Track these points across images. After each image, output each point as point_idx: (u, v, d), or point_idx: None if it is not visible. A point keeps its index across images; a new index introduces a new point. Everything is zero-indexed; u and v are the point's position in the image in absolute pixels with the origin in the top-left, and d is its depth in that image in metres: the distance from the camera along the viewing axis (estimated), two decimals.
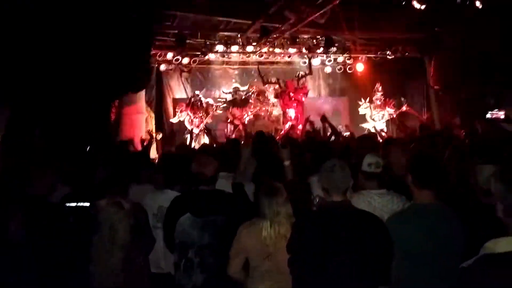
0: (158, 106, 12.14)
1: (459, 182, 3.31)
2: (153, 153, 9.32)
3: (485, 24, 8.77)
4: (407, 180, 2.72)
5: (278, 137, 9.58)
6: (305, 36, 11.09)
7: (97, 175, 3.87)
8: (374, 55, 12.10)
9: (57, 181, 3.42)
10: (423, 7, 7.64)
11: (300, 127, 11.62)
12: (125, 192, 3.34)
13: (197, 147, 9.11)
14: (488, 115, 2.31)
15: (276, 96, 12.14)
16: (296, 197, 3.19)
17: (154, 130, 10.76)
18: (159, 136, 9.82)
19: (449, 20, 9.55)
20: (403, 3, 7.67)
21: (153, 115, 11.54)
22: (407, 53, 11.49)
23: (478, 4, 7.69)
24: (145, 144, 7.36)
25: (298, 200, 3.19)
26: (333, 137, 6.84)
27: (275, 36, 10.09)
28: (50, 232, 2.97)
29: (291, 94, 11.80)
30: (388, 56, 11.75)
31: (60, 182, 3.52)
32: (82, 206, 3.23)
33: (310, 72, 12.12)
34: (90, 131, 7.50)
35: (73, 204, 3.24)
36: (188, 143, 10.32)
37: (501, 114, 2.17)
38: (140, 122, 10.26)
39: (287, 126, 11.84)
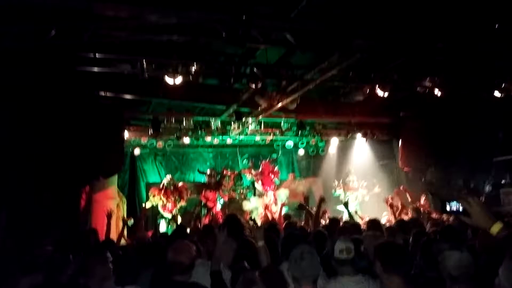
0: (131, 191, 11.95)
1: (428, 267, 3.29)
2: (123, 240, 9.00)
3: (447, 110, 9.34)
4: (376, 266, 2.68)
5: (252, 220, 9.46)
6: (278, 120, 11.46)
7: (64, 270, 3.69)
8: (345, 138, 12.49)
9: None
10: (386, 94, 8.08)
11: (274, 209, 11.66)
12: None
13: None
14: (447, 208, 2.36)
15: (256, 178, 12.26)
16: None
17: (125, 216, 10.46)
18: (130, 222, 9.53)
19: (412, 106, 10.13)
20: (368, 91, 8.11)
21: (125, 200, 11.29)
22: (375, 136, 11.92)
23: (437, 92, 8.22)
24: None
25: None
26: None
27: (248, 120, 10.38)
28: None
29: (271, 176, 11.98)
30: (358, 139, 12.17)
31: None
32: None
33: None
34: (57, 220, 7.24)
35: None
36: (161, 229, 10.11)
37: (459, 207, 2.22)
38: (112, 208, 9.95)
39: (262, 209, 11.81)
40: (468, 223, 2.16)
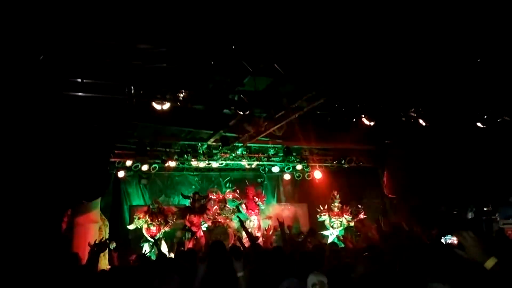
0: (114, 213, 11.74)
1: None
2: (105, 264, 8.81)
3: (431, 138, 9.50)
4: None
5: (235, 244, 9.41)
6: (265, 145, 11.50)
7: None
8: (330, 164, 12.58)
9: None
10: (372, 123, 8.20)
11: (259, 234, 11.60)
12: None
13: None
14: (442, 241, 2.38)
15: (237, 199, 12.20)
16: None
17: (107, 239, 10.27)
18: (113, 245, 9.36)
19: (396, 134, 10.29)
20: (354, 120, 8.22)
21: (107, 223, 11.09)
22: (361, 163, 12.04)
23: (421, 122, 8.38)
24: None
25: None
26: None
27: (234, 145, 10.40)
28: None
29: (256, 199, 11.96)
30: (343, 165, 12.27)
31: None
32: None
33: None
34: (37, 243, 7.06)
35: None
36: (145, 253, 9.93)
37: (454, 240, 2.23)
38: (94, 232, 9.78)
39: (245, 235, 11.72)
40: (463, 257, 2.18)
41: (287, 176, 13.34)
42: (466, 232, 2.16)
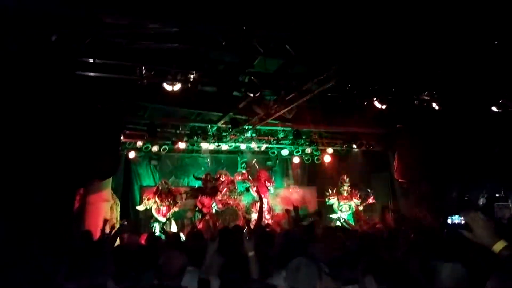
0: (125, 193, 11.89)
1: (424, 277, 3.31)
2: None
3: (443, 123, 9.39)
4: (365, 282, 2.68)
5: (247, 226, 9.49)
6: (274, 128, 11.48)
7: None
8: (340, 148, 12.53)
9: None
10: (383, 106, 8.12)
11: (268, 217, 11.70)
12: None
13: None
14: (449, 221, 2.33)
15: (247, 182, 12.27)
16: None
17: (119, 218, 10.45)
18: (124, 223, 9.52)
19: (409, 118, 10.19)
20: (365, 102, 8.14)
21: (118, 202, 11.25)
22: (371, 147, 11.96)
23: (435, 105, 8.27)
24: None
25: None
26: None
27: (244, 127, 10.40)
28: None
29: (267, 184, 12.01)
30: (353, 149, 12.22)
31: None
32: None
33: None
34: (50, 220, 7.21)
35: None
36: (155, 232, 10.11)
37: (461, 221, 2.18)
38: (105, 210, 9.94)
39: (255, 215, 11.81)
40: (470, 239, 2.06)
41: (296, 159, 13.32)
42: (474, 213, 2.04)
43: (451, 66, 6.94)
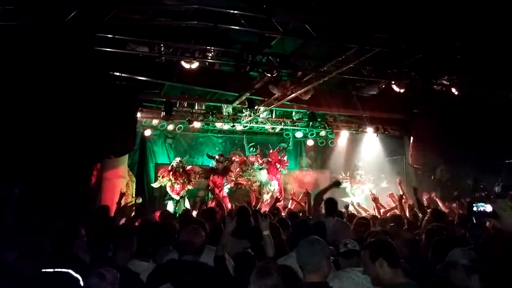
0: (140, 170, 12.06)
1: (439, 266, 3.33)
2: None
3: (461, 109, 9.26)
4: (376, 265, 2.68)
5: (258, 206, 9.58)
6: (289, 110, 11.44)
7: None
8: (355, 131, 12.45)
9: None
10: (402, 90, 8.02)
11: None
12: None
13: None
14: (474, 208, 2.29)
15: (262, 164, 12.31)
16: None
17: (134, 195, 10.62)
18: (139, 200, 9.68)
19: (426, 103, 10.06)
20: (383, 86, 8.05)
21: (134, 179, 11.42)
22: (387, 132, 11.85)
23: (454, 91, 8.14)
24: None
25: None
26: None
27: (260, 108, 10.39)
28: None
29: (277, 165, 12.02)
30: (368, 133, 12.13)
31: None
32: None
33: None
34: (68, 195, 7.37)
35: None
36: (169, 210, 10.25)
37: (486, 208, 2.15)
38: (121, 187, 10.10)
39: (267, 196, 11.89)
40: (497, 227, 2.04)
41: (310, 142, 13.29)
42: (502, 200, 2.03)
43: (472, 51, 6.79)
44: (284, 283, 2.58)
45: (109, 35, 6.17)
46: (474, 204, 2.04)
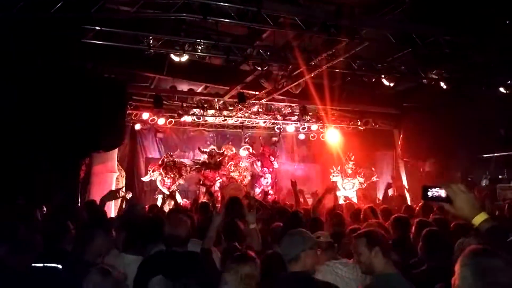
0: (130, 165, 12.00)
1: (429, 257, 3.36)
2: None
3: (450, 103, 9.31)
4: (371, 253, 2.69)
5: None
6: (281, 104, 11.43)
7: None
8: (346, 125, 12.48)
9: None
10: (392, 84, 8.04)
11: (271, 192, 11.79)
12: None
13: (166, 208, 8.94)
14: (429, 194, 2.25)
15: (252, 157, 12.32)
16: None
17: (124, 189, 10.56)
18: (129, 195, 9.63)
19: (416, 97, 10.10)
20: (373, 80, 8.05)
21: (124, 173, 11.36)
22: (377, 125, 11.90)
23: (443, 85, 8.18)
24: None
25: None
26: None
27: (251, 102, 10.35)
28: None
29: (271, 158, 12.06)
30: (359, 127, 12.16)
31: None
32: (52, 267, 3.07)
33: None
34: (56, 188, 7.29)
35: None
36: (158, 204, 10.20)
37: (441, 193, 2.11)
38: (110, 181, 10.04)
39: (258, 190, 11.92)
40: (450, 212, 1.97)
41: (301, 136, 13.32)
42: (455, 184, 1.96)
43: (461, 45, 6.82)
44: (266, 272, 2.60)
45: (97, 27, 6.07)
46: (429, 189, 1.94)
